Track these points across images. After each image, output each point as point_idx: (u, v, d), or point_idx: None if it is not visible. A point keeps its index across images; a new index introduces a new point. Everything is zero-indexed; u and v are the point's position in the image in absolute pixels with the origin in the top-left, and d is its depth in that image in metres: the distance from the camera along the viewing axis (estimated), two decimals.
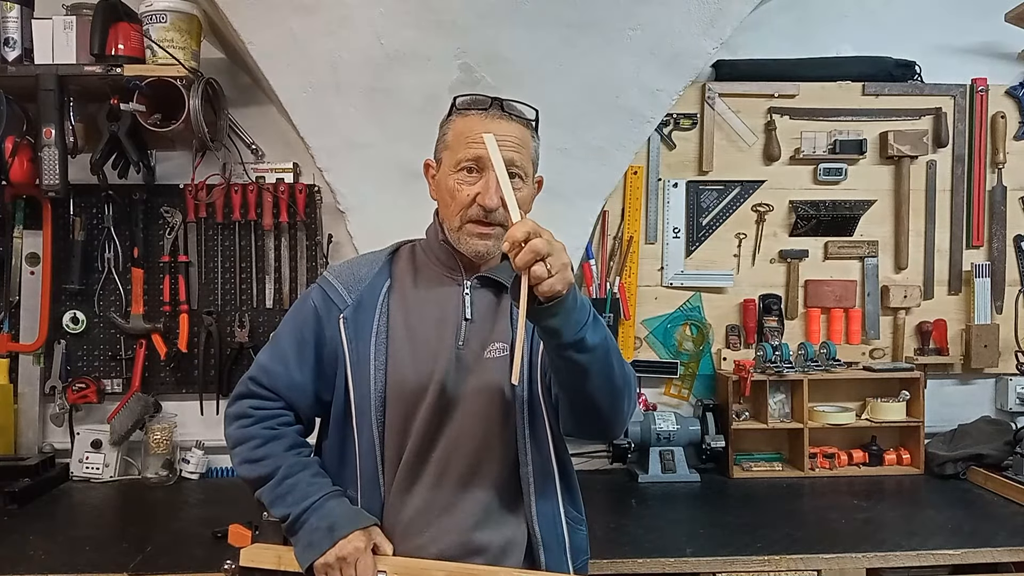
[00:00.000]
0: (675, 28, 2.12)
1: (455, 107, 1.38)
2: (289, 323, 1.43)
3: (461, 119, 1.35)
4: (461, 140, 1.33)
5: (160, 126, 2.18)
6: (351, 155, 2.18)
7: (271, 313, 2.42)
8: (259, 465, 1.35)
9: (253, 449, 1.36)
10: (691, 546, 1.83)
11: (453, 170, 1.33)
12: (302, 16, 2.05)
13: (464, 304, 1.38)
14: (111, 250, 2.40)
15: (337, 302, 1.38)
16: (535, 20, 2.06)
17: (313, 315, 1.39)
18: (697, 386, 2.57)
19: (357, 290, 1.39)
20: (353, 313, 1.37)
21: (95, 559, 1.75)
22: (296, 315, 1.43)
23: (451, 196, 1.33)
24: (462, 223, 1.33)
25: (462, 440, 1.34)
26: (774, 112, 2.53)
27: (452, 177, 1.33)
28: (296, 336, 1.40)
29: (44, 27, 2.15)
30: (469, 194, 1.31)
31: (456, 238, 1.35)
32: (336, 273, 1.43)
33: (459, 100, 1.37)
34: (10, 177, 2.18)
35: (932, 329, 2.57)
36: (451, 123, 1.37)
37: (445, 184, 1.35)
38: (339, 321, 1.37)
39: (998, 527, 1.95)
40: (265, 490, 1.34)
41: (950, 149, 2.58)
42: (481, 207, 1.30)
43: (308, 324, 1.39)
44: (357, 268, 1.43)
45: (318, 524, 1.28)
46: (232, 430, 1.40)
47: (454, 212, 1.33)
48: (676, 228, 2.54)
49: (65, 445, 2.38)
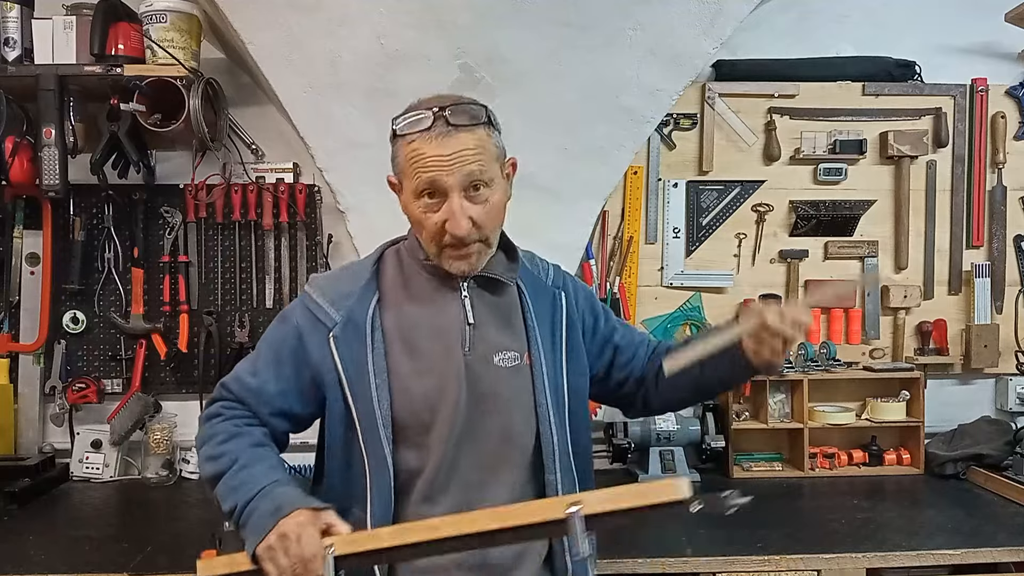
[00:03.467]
0: (675, 28, 2.11)
1: (395, 131, 1.28)
2: (268, 337, 1.39)
3: (406, 144, 1.25)
4: (411, 167, 1.25)
5: (160, 126, 2.18)
6: (351, 155, 2.18)
7: (271, 313, 2.41)
8: (218, 461, 1.29)
9: (216, 446, 1.31)
10: (691, 546, 1.83)
11: (414, 197, 1.27)
12: (302, 16, 2.05)
13: (465, 308, 1.34)
14: (111, 250, 2.40)
15: (324, 320, 1.33)
16: (535, 20, 2.06)
17: (294, 334, 1.34)
18: None
19: (344, 306, 1.33)
20: (342, 331, 1.31)
21: (95, 559, 1.75)
22: (276, 331, 1.38)
23: (420, 225, 1.29)
24: (439, 249, 1.29)
25: (483, 449, 1.30)
26: (774, 112, 2.53)
27: (414, 204, 1.28)
28: (274, 351, 1.36)
29: (44, 27, 2.15)
30: (437, 222, 1.25)
31: (438, 262, 1.31)
32: (320, 289, 1.37)
33: (399, 124, 1.26)
34: (10, 177, 2.18)
35: (932, 329, 2.56)
36: (399, 146, 1.27)
37: (411, 212, 1.30)
38: (329, 340, 1.31)
39: (998, 527, 1.95)
40: (220, 485, 1.28)
41: (950, 149, 2.58)
42: (451, 236, 1.25)
43: (287, 343, 1.35)
44: (341, 283, 1.37)
45: (264, 508, 1.21)
46: (201, 430, 1.37)
47: (427, 239, 1.29)
48: (676, 228, 2.54)
49: (65, 445, 2.38)
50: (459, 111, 1.25)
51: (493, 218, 1.30)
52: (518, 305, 1.40)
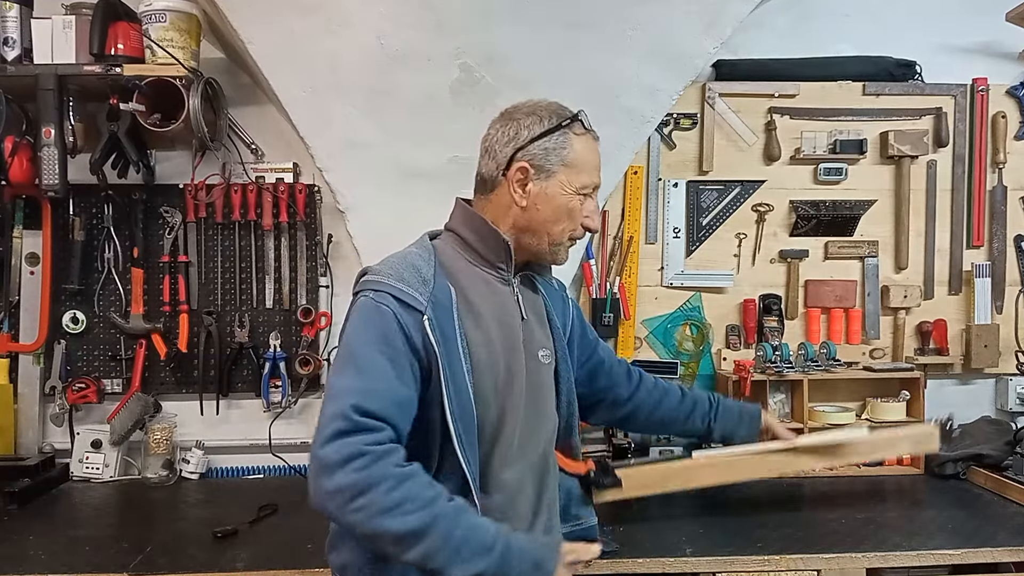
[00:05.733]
0: (675, 28, 2.12)
1: (579, 123, 1.37)
2: (366, 336, 1.24)
3: (580, 140, 1.37)
4: (588, 164, 1.38)
5: (160, 126, 2.18)
6: (351, 155, 2.18)
7: (271, 313, 2.42)
8: (402, 515, 1.12)
9: (387, 494, 1.13)
10: (691, 546, 1.83)
11: (574, 190, 1.37)
12: (302, 16, 2.05)
13: (520, 304, 1.40)
14: (111, 250, 2.40)
15: (415, 305, 1.25)
16: (535, 20, 2.06)
17: (394, 321, 1.23)
18: (697, 386, 2.57)
19: (427, 291, 1.27)
20: (435, 314, 1.26)
21: (95, 559, 1.75)
22: (372, 326, 1.24)
23: (567, 215, 1.38)
24: (568, 240, 1.40)
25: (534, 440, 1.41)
26: (774, 112, 2.53)
27: (568, 197, 1.37)
28: (384, 349, 1.22)
29: (43, 27, 2.15)
30: (584, 216, 1.39)
31: (551, 250, 1.40)
32: (395, 275, 1.28)
33: (584, 119, 1.38)
34: (9, 177, 2.18)
35: (932, 329, 2.56)
36: (570, 140, 1.36)
37: (558, 200, 1.37)
38: (424, 323, 1.24)
39: (998, 527, 1.95)
40: (423, 548, 1.13)
41: (950, 149, 2.58)
42: (587, 229, 1.40)
43: (394, 331, 1.23)
44: (415, 268, 1.30)
45: (521, 568, 1.19)
46: (344, 476, 1.13)
47: (565, 229, 1.38)
48: (676, 228, 2.54)
49: (65, 445, 2.38)
50: None
51: None
52: (543, 304, 1.50)
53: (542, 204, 1.36)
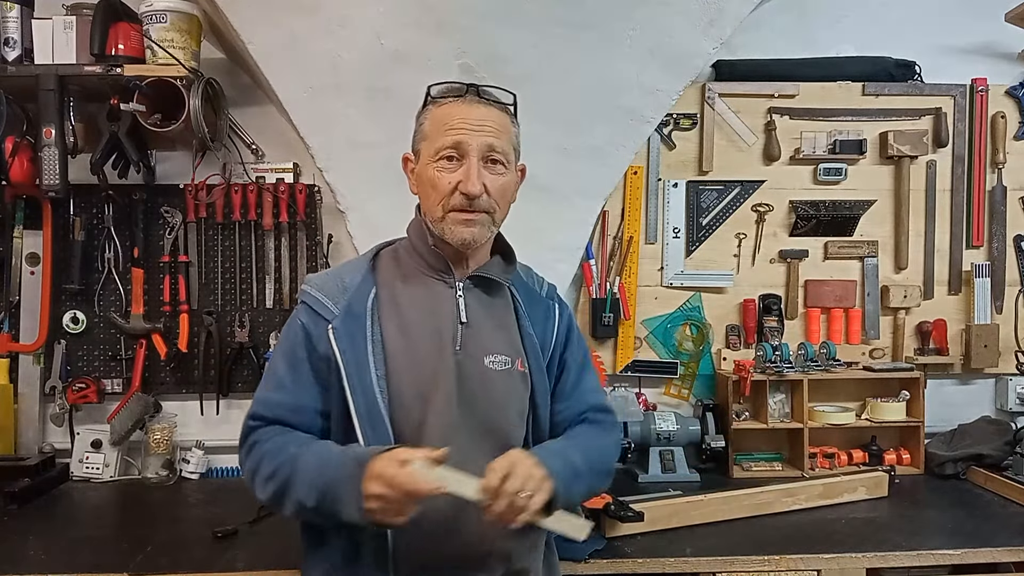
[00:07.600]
0: (675, 28, 2.12)
1: (430, 96, 1.37)
2: (279, 349, 1.39)
3: (437, 108, 1.35)
4: (439, 128, 1.33)
5: (160, 126, 2.18)
6: (351, 155, 2.18)
7: (271, 313, 2.42)
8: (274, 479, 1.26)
9: (256, 466, 1.29)
10: (691, 546, 1.83)
11: (432, 159, 1.33)
12: (302, 16, 2.05)
13: (459, 307, 1.36)
14: (111, 250, 2.40)
15: (323, 314, 1.33)
16: (535, 20, 2.06)
17: (302, 333, 1.34)
18: (697, 386, 2.57)
19: (343, 299, 1.34)
20: (342, 323, 1.32)
21: (95, 559, 1.75)
22: (285, 340, 1.38)
23: (432, 186, 1.33)
24: (444, 212, 1.33)
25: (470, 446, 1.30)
26: (774, 112, 2.53)
27: (431, 166, 1.33)
28: (289, 359, 1.35)
29: (44, 27, 2.15)
30: (450, 182, 1.31)
31: (440, 228, 1.34)
32: (317, 285, 1.38)
33: (434, 89, 1.37)
34: (10, 177, 2.18)
35: (932, 329, 2.57)
36: (427, 113, 1.37)
37: (425, 175, 1.34)
38: (328, 332, 1.31)
39: (998, 527, 1.95)
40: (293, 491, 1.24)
41: (950, 149, 2.58)
42: (464, 195, 1.30)
43: (299, 343, 1.34)
44: (339, 277, 1.39)
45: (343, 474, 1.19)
46: (247, 466, 1.32)
47: (436, 201, 1.33)
48: (676, 228, 2.54)
49: (65, 445, 2.38)
50: (490, 89, 1.37)
51: (502, 195, 1.36)
52: (512, 310, 1.43)
53: (419, 186, 1.39)
